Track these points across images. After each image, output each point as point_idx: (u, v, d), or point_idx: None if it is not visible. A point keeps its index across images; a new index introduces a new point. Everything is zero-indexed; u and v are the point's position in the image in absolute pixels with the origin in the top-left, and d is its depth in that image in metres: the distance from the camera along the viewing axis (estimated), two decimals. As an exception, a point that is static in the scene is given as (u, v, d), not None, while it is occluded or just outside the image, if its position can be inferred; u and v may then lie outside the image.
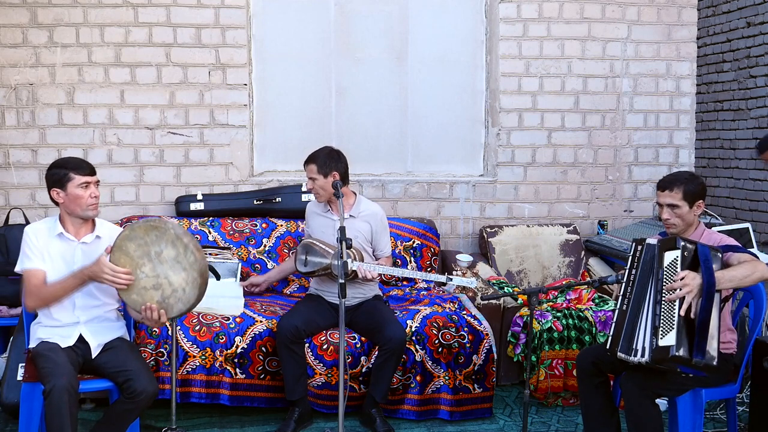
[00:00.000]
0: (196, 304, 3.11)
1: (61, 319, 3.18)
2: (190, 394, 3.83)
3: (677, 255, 3.05)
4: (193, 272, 3.05)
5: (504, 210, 5.38)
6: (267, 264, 4.69)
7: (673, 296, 3.00)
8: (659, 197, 3.31)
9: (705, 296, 2.98)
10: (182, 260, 3.05)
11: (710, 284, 2.99)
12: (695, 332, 2.98)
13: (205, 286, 3.10)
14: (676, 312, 2.99)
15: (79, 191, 3.16)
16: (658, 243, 3.10)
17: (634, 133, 5.48)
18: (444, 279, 3.69)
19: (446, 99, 5.40)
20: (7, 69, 4.82)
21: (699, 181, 3.32)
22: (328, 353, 3.85)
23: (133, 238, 3.07)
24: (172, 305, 3.09)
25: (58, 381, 2.89)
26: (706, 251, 3.05)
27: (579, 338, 4.22)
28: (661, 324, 3.00)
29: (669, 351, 2.96)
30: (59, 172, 3.18)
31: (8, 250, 4.24)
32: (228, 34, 5.02)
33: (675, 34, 5.45)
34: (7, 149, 4.87)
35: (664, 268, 3.05)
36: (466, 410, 3.99)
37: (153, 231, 3.07)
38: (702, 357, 2.97)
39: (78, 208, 3.17)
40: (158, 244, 3.06)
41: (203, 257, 3.08)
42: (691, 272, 3.02)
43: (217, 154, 5.08)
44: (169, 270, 3.06)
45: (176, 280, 3.06)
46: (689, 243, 3.08)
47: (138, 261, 3.07)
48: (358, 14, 5.29)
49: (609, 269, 5.01)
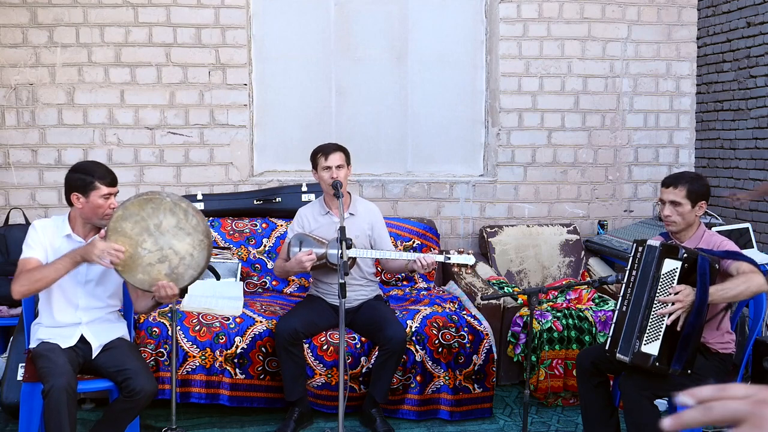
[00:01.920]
0: (206, 267, 3.08)
1: (63, 320, 3.17)
2: (189, 394, 3.83)
3: (677, 266, 3.03)
4: (198, 234, 3.03)
5: (504, 210, 5.38)
6: (267, 264, 4.69)
7: (664, 311, 3.01)
8: (662, 193, 3.31)
9: (695, 312, 2.99)
10: (185, 225, 3.02)
11: (702, 302, 2.98)
12: (678, 344, 3.01)
13: (212, 246, 3.07)
14: (665, 322, 3.00)
15: (100, 201, 3.12)
16: (661, 247, 3.08)
17: (634, 133, 5.48)
18: (442, 258, 3.69)
19: (446, 99, 5.40)
20: (7, 69, 4.83)
21: (704, 182, 3.32)
22: (328, 354, 3.85)
23: (128, 216, 3.01)
24: (182, 273, 3.05)
25: (56, 381, 2.89)
26: (705, 266, 3.01)
27: (579, 338, 4.22)
28: (648, 331, 3.02)
29: (649, 359, 3.01)
30: (85, 178, 3.11)
31: (8, 250, 4.24)
32: (228, 34, 5.02)
33: (675, 34, 5.45)
34: (7, 149, 4.87)
35: (661, 275, 3.05)
36: (466, 410, 3.99)
37: (148, 204, 3.01)
38: (680, 367, 3.01)
39: (95, 216, 3.14)
40: (156, 216, 3.01)
41: (203, 218, 3.07)
42: (687, 287, 3.00)
43: (217, 154, 5.08)
44: (172, 239, 3.02)
45: (182, 247, 3.03)
46: (691, 254, 3.04)
47: (137, 238, 3.01)
48: (358, 14, 5.29)
49: (609, 269, 5.01)
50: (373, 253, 3.83)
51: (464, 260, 3.66)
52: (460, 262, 3.66)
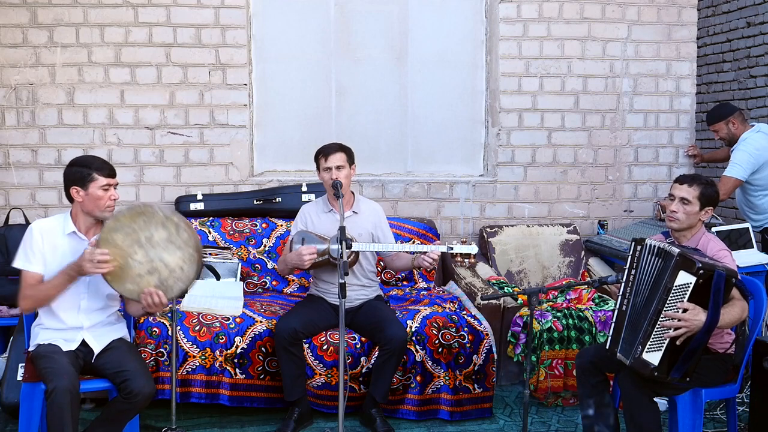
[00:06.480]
0: (195, 280, 3.14)
1: (66, 321, 3.16)
2: (189, 394, 3.83)
3: (691, 281, 2.95)
4: (188, 249, 3.07)
5: (504, 210, 5.38)
6: (267, 264, 4.69)
7: (669, 325, 2.97)
8: (674, 189, 3.31)
9: (704, 331, 2.95)
10: (175, 239, 3.07)
11: (713, 322, 2.95)
12: (681, 355, 2.99)
13: (201, 260, 3.12)
14: (669, 334, 2.97)
15: (100, 192, 3.13)
16: (678, 257, 2.98)
17: (634, 133, 5.48)
18: (445, 248, 3.70)
19: (446, 99, 5.40)
20: (7, 69, 4.83)
21: (716, 190, 3.35)
22: (328, 354, 3.85)
23: (119, 228, 3.05)
24: (171, 286, 3.10)
25: (59, 382, 2.89)
26: (720, 283, 2.94)
27: (579, 338, 4.22)
28: (651, 340, 3.00)
29: (648, 367, 2.99)
30: (83, 171, 3.14)
31: (8, 250, 4.24)
32: (228, 34, 5.02)
33: (675, 34, 5.45)
34: (7, 149, 4.87)
35: (673, 287, 2.98)
36: (466, 410, 3.98)
37: (140, 217, 3.06)
38: (679, 375, 3.01)
39: (96, 209, 3.15)
40: (147, 228, 3.06)
41: (194, 232, 3.13)
42: (697, 308, 2.95)
43: (217, 154, 5.08)
44: (163, 252, 3.07)
45: (172, 261, 3.07)
46: (707, 269, 2.94)
47: (128, 250, 3.05)
48: (358, 14, 5.29)
49: (609, 269, 5.02)
50: (376, 246, 3.84)
51: (467, 250, 3.66)
52: (462, 252, 3.66)
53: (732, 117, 4.75)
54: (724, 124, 4.78)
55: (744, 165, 4.59)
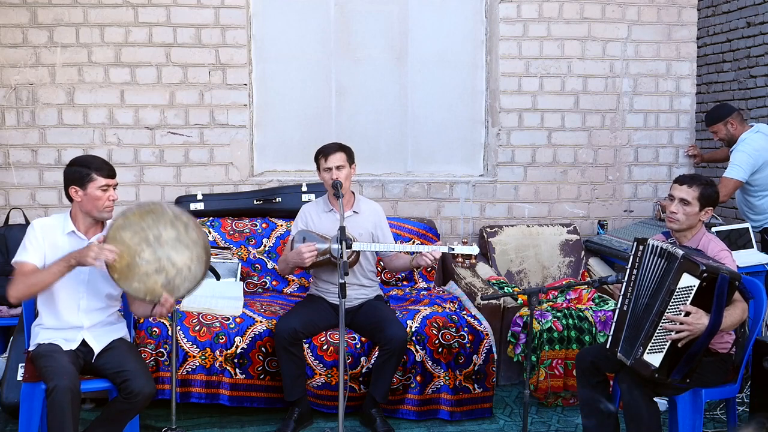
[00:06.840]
0: (202, 280, 3.10)
1: (66, 321, 3.16)
2: (189, 394, 3.83)
3: (694, 284, 2.93)
4: (197, 249, 3.05)
5: (504, 210, 5.38)
6: (267, 264, 4.69)
7: (671, 328, 2.96)
8: (674, 189, 3.31)
9: (707, 334, 2.95)
10: (184, 239, 3.04)
11: (716, 326, 2.94)
12: (682, 358, 2.98)
13: (209, 260, 3.09)
14: (671, 337, 2.97)
15: (98, 193, 3.13)
16: (682, 259, 2.96)
17: (634, 133, 5.48)
18: (446, 249, 3.70)
19: (446, 99, 5.40)
20: (7, 69, 4.83)
21: (716, 190, 3.34)
22: (328, 354, 3.85)
23: (128, 226, 3.03)
24: (178, 285, 3.07)
25: (60, 381, 2.88)
26: (724, 286, 2.92)
27: (579, 338, 4.22)
28: (653, 341, 2.99)
29: (649, 368, 2.99)
30: (82, 170, 3.13)
31: (8, 250, 4.24)
32: (228, 34, 5.02)
33: (675, 34, 5.45)
34: (7, 149, 4.87)
35: (676, 290, 2.97)
36: (466, 410, 3.98)
37: (149, 215, 3.04)
38: (679, 377, 3.01)
39: (95, 209, 3.15)
40: (156, 227, 3.04)
41: (203, 232, 3.09)
42: (700, 312, 2.94)
43: (217, 154, 5.08)
44: (171, 251, 3.04)
45: (180, 260, 3.05)
46: (711, 272, 2.92)
47: (136, 248, 3.03)
48: (358, 14, 5.29)
49: (609, 269, 5.02)
50: (376, 246, 3.84)
51: (468, 250, 3.67)
52: (464, 253, 3.66)
53: (730, 118, 4.75)
54: (722, 125, 4.79)
55: (743, 166, 4.59)
